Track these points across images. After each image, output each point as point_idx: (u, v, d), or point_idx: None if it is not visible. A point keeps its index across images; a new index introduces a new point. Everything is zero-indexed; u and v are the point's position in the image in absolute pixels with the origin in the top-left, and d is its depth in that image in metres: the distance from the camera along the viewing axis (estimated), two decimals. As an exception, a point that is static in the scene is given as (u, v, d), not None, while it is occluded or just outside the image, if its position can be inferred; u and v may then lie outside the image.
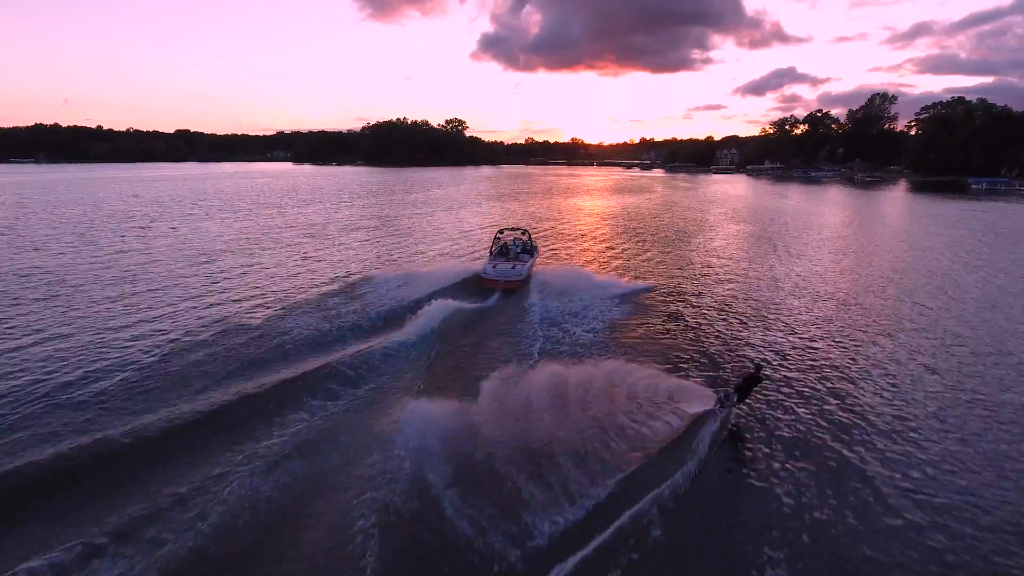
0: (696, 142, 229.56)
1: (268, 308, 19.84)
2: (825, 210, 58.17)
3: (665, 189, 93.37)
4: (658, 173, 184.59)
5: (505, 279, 23.04)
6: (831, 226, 44.68)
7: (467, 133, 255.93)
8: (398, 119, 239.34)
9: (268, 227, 39.79)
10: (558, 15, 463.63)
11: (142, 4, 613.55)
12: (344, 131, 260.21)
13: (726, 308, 21.14)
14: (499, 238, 27.71)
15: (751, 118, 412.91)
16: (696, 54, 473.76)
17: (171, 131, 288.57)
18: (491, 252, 26.59)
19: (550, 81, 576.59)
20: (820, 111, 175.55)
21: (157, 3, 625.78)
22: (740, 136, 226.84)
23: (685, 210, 56.74)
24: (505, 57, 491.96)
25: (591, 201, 68.33)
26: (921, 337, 17.87)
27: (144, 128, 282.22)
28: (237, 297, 21.27)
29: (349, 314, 19.14)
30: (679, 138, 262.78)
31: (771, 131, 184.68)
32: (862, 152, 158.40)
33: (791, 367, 15.51)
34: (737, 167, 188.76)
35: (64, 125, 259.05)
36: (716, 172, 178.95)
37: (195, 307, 19.88)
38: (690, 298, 22.39)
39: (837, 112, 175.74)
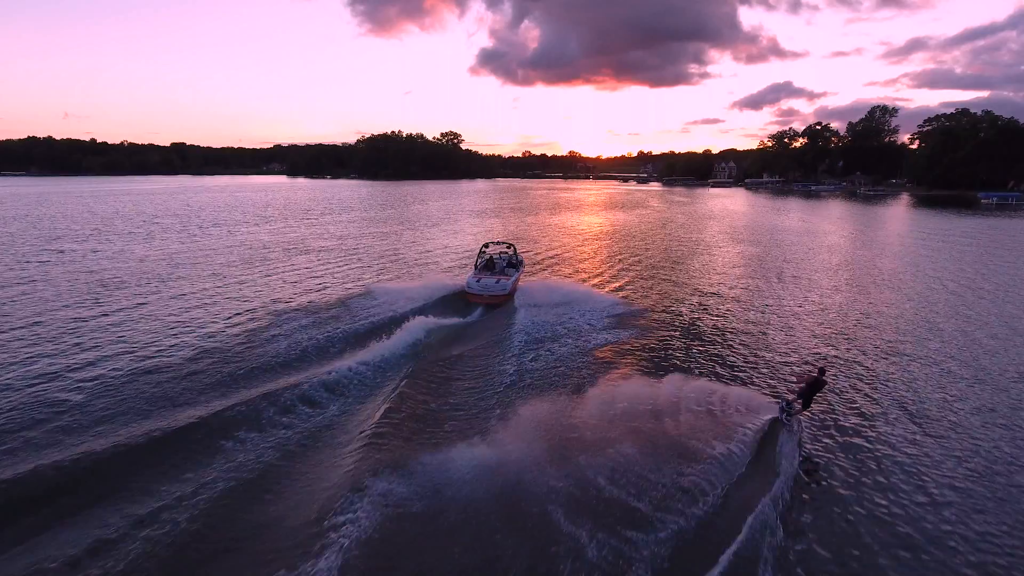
0: (694, 155, 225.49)
1: (186, 339, 17.73)
2: (831, 228, 53.92)
3: (661, 204, 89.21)
4: (655, 187, 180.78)
5: (489, 294, 22.37)
6: (842, 248, 40.27)
7: (465, 147, 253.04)
8: (393, 132, 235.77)
9: (207, 248, 35.50)
10: (556, 31, 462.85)
11: (146, 19, 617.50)
12: (339, 144, 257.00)
13: (728, 327, 20.13)
14: (484, 252, 26.85)
15: (748, 132, 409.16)
16: (694, 69, 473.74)
17: (167, 144, 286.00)
18: (476, 266, 25.89)
19: (548, 95, 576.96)
20: (819, 124, 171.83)
21: (161, 18, 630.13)
22: (738, 150, 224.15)
23: (679, 228, 52.50)
24: (503, 72, 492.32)
25: (579, 218, 64.03)
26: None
27: (142, 141, 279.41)
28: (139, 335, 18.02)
29: (314, 335, 17.76)
30: (677, 151, 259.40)
31: (770, 144, 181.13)
32: (863, 165, 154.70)
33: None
34: (735, 181, 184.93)
35: (59, 138, 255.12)
36: (714, 186, 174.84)
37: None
38: (687, 315, 21.63)
39: (835, 126, 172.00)
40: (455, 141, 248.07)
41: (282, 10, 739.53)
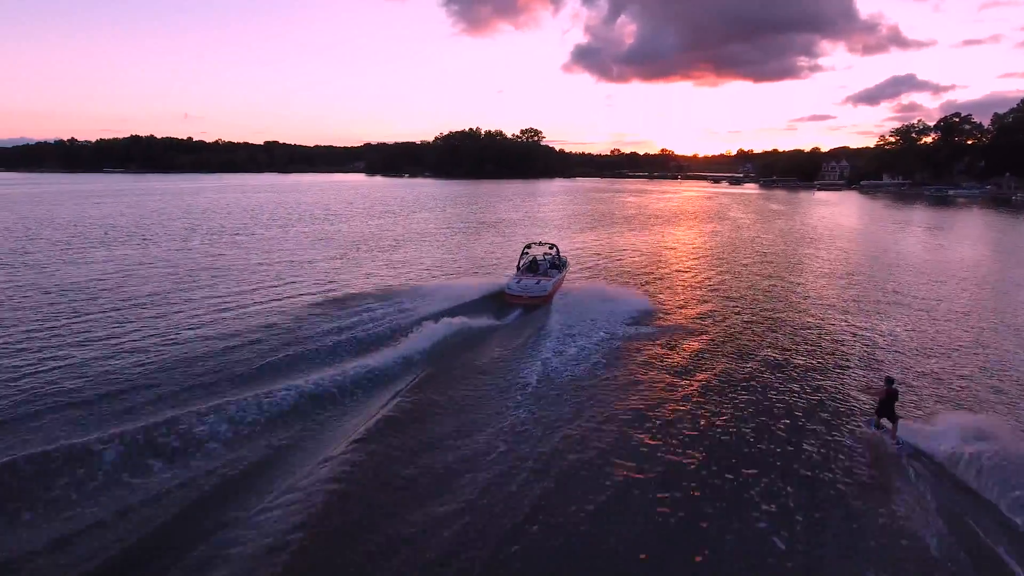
0: (799, 153, 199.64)
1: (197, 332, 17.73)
2: (1006, 270, 36.75)
3: (745, 214, 71.12)
4: (750, 188, 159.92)
5: (529, 295, 21.85)
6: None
7: (557, 145, 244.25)
8: (470, 129, 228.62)
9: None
10: (653, 25, 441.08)
11: (258, 26, 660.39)
12: (418, 142, 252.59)
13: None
14: (527, 252, 26.49)
15: (863, 129, 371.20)
16: (802, 61, 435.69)
17: (261, 142, 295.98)
18: (518, 267, 25.64)
19: (644, 92, 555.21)
20: (957, 115, 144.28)
21: (272, 24, 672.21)
22: (850, 148, 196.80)
23: (756, 263, 34.93)
24: (598, 68, 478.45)
25: (616, 238, 49.52)
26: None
27: (248, 140, 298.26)
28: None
29: (331, 334, 17.46)
30: (780, 150, 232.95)
31: (892, 140, 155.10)
32: (1013, 165, 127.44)
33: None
34: (848, 183, 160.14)
35: (160, 137, 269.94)
36: (821, 188, 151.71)
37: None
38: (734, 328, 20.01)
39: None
40: (535, 138, 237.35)
41: (380, 12, 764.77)
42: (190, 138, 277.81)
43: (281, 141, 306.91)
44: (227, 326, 18.42)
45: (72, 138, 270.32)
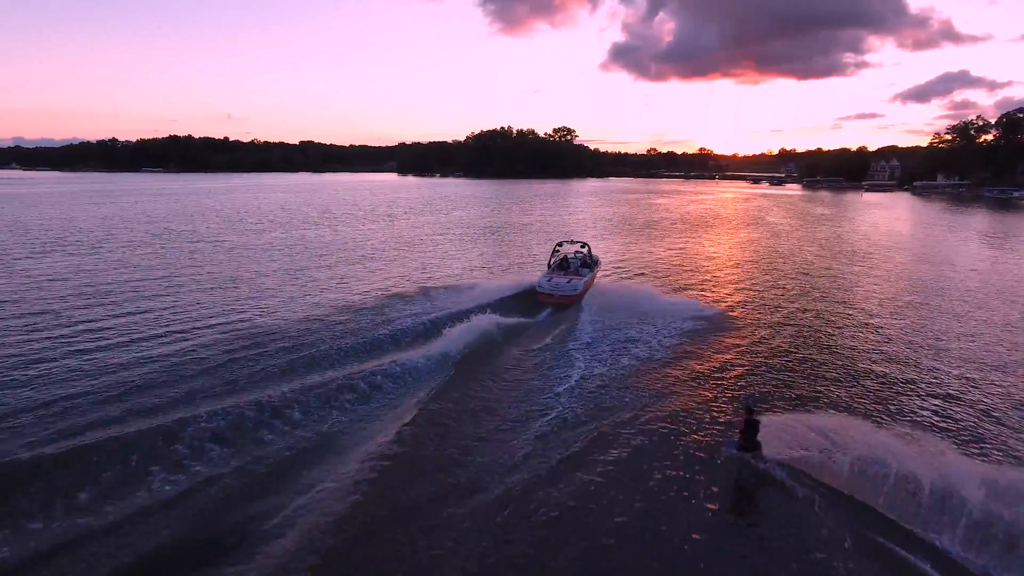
0: (845, 152, 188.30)
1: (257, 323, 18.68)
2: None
3: (785, 219, 64.29)
4: (793, 190, 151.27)
5: (560, 294, 21.61)
6: None
7: (593, 145, 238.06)
8: (502, 128, 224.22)
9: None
10: (692, 22, 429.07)
11: (296, 28, 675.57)
12: (450, 142, 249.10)
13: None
14: (558, 251, 26.06)
15: (912, 128, 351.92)
16: (849, 58, 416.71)
17: (297, 142, 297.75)
18: (549, 265, 25.28)
19: (683, 91, 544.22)
20: (1021, 110, 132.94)
21: (309, 26, 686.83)
22: (900, 147, 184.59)
23: (793, 284, 30.61)
24: (635, 67, 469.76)
25: (620, 248, 44.07)
26: None
27: (279, 139, 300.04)
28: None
29: (367, 330, 17.72)
30: (825, 149, 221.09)
31: (948, 138, 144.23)
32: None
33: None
34: (899, 183, 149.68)
35: (197, 137, 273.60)
36: (870, 190, 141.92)
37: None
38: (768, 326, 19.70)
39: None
40: (567, 137, 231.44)
41: (418, 13, 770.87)
42: (226, 138, 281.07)
43: (317, 141, 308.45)
44: (260, 324, 18.86)
45: (113, 138, 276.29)
